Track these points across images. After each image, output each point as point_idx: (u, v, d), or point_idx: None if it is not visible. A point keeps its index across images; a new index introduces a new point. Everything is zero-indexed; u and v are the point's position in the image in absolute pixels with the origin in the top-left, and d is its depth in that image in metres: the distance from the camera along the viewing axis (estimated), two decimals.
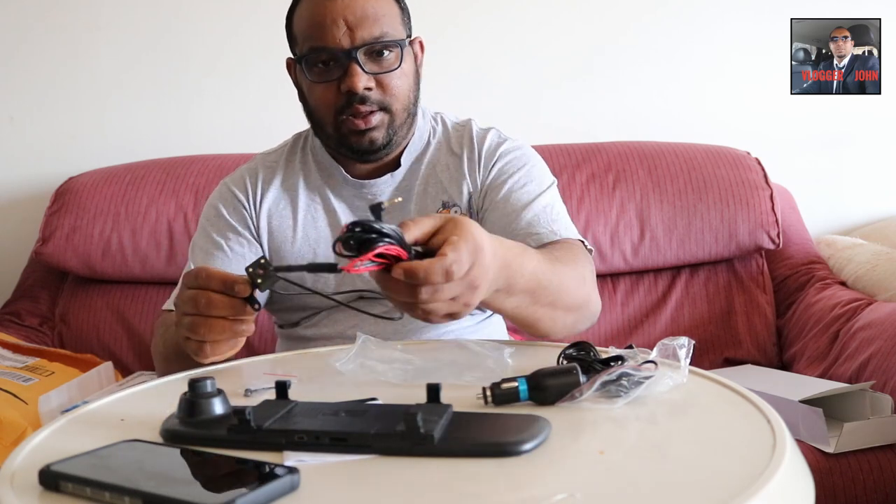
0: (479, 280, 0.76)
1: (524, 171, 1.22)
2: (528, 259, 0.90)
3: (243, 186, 1.26)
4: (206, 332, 0.84)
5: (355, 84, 1.11)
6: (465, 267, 0.74)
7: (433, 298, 0.74)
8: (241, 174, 1.28)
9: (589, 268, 1.08)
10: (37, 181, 2.08)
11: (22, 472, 0.63)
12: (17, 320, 1.83)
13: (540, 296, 0.93)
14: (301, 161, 1.27)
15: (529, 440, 0.62)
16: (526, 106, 2.07)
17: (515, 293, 0.89)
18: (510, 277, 0.86)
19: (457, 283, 0.74)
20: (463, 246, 0.74)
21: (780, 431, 0.63)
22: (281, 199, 1.25)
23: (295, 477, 0.58)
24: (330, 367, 0.88)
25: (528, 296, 0.91)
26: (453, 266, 0.72)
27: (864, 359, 1.42)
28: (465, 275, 0.74)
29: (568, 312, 1.00)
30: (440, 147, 1.26)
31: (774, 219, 1.77)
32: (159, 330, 1.18)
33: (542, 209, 1.17)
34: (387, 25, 1.13)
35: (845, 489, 1.25)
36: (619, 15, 2.07)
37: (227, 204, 1.25)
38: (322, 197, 1.24)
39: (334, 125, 1.16)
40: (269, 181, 1.25)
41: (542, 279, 0.92)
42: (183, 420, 0.69)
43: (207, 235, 1.24)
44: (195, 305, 0.84)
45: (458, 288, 0.75)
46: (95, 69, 2.07)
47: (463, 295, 0.76)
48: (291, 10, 1.19)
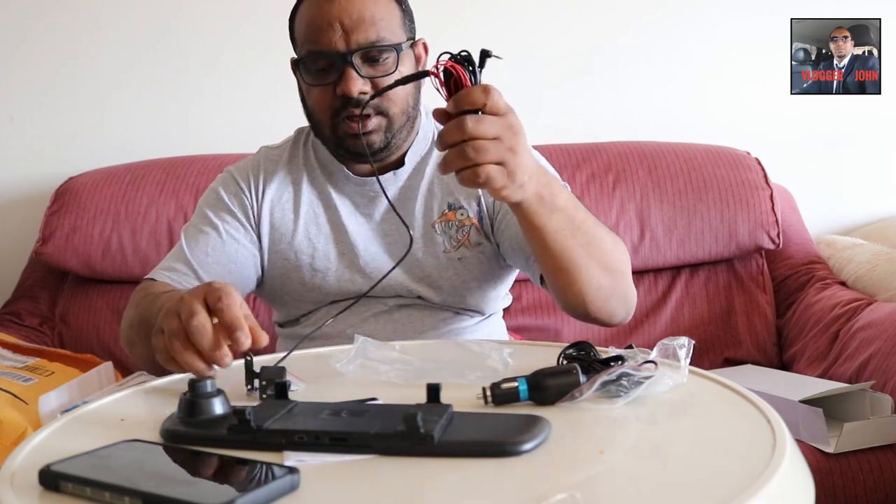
0: (517, 126, 0.82)
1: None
2: (560, 190, 0.93)
3: (246, 176, 1.25)
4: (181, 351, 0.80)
5: (350, 88, 1.10)
6: (501, 102, 0.81)
7: (477, 130, 0.79)
8: (245, 165, 1.28)
9: (622, 248, 1.06)
10: (37, 181, 2.08)
11: (22, 472, 0.63)
12: (17, 320, 1.83)
13: (577, 230, 0.94)
14: (304, 157, 1.26)
15: (529, 440, 0.62)
16: (526, 106, 2.04)
17: (558, 209, 0.91)
18: (551, 185, 0.90)
19: (498, 120, 0.80)
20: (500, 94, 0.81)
21: (780, 431, 0.63)
22: (284, 193, 1.24)
23: (295, 477, 0.58)
24: (330, 367, 0.88)
25: (567, 221, 0.93)
26: (491, 91, 0.80)
27: (864, 359, 1.42)
28: (505, 113, 0.81)
29: (603, 271, 0.99)
30: None
31: (774, 219, 1.77)
32: (137, 295, 1.14)
33: None
34: (384, 29, 1.12)
35: (845, 489, 1.25)
36: (619, 15, 2.07)
37: (229, 190, 1.25)
38: (324, 194, 1.24)
39: (331, 128, 1.16)
40: (273, 174, 1.25)
41: (577, 214, 0.94)
42: (183, 420, 0.70)
43: (204, 216, 1.23)
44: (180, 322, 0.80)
45: (498, 126, 0.80)
46: (95, 69, 2.07)
47: (506, 137, 0.80)
48: (294, 10, 1.19)
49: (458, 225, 1.21)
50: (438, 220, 1.21)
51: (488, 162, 0.80)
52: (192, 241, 1.21)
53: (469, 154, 0.80)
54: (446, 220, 1.21)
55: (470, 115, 0.79)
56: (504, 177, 0.82)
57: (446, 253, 1.20)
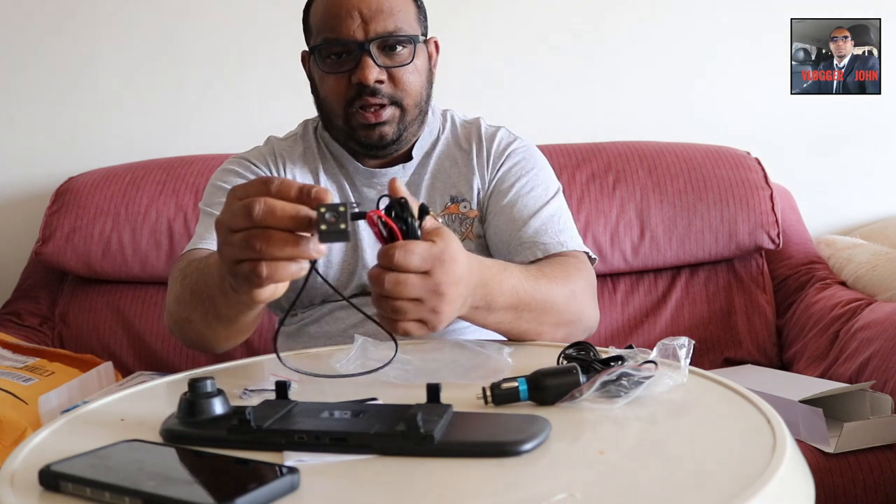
0: (444, 287, 0.77)
1: (532, 174, 1.22)
2: (508, 276, 0.92)
3: (265, 161, 1.24)
4: (265, 245, 0.69)
5: (367, 76, 1.11)
6: (415, 261, 0.75)
7: (395, 291, 0.76)
8: (258, 151, 1.26)
9: (583, 283, 1.07)
10: (37, 181, 2.08)
11: (22, 472, 0.63)
12: (17, 320, 1.83)
13: (523, 312, 0.94)
14: (317, 147, 1.26)
15: (529, 440, 0.62)
16: (526, 106, 2.07)
17: (496, 310, 0.91)
18: (488, 295, 0.88)
19: (420, 282, 0.76)
20: (424, 246, 0.76)
21: (780, 431, 0.63)
22: (306, 181, 1.23)
23: (295, 477, 0.58)
24: (330, 367, 0.88)
25: (510, 312, 0.93)
26: (410, 251, 0.74)
27: (864, 359, 1.42)
28: (430, 271, 0.76)
29: (556, 328, 1.00)
30: (448, 143, 1.26)
31: (774, 219, 1.77)
32: (178, 269, 1.05)
33: (549, 217, 1.17)
34: (401, 21, 1.14)
35: (845, 489, 1.25)
36: (619, 15, 2.07)
37: (248, 170, 1.22)
38: (339, 185, 1.24)
39: (344, 117, 1.16)
40: (293, 161, 1.24)
41: (523, 297, 0.93)
42: (183, 420, 0.69)
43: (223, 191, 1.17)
44: (247, 216, 0.69)
45: (420, 288, 0.76)
46: (95, 69, 2.07)
47: (428, 299, 0.77)
48: (309, 2, 1.20)
49: (461, 218, 1.21)
50: (442, 213, 1.21)
51: (408, 321, 0.79)
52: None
53: (386, 312, 0.78)
54: (449, 214, 1.21)
55: (390, 274, 0.76)
56: (425, 331, 0.80)
57: None
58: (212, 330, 0.95)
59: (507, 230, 1.17)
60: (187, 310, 0.97)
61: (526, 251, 1.14)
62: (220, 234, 0.74)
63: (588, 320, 1.07)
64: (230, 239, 0.71)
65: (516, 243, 1.16)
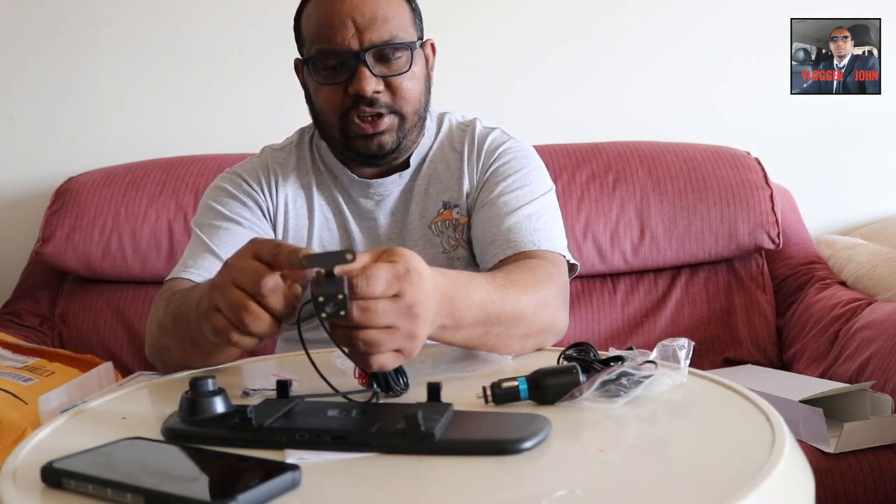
0: (417, 307, 0.71)
1: (521, 174, 1.18)
2: (474, 289, 0.85)
3: (256, 177, 1.21)
4: (252, 322, 0.73)
5: (363, 87, 1.08)
6: (381, 283, 0.69)
7: (365, 319, 0.69)
8: (251, 165, 1.23)
9: (554, 289, 1.01)
10: (37, 181, 2.08)
11: (24, 469, 0.63)
12: (17, 320, 1.83)
13: (491, 326, 0.87)
14: (311, 160, 1.24)
15: (529, 438, 0.63)
16: (526, 106, 2.07)
17: (464, 326, 0.83)
18: (455, 311, 0.81)
19: (391, 307, 0.69)
20: (387, 266, 0.70)
21: (779, 430, 0.63)
22: (298, 198, 1.21)
23: (296, 474, 0.58)
24: (331, 366, 0.88)
25: (478, 327, 0.85)
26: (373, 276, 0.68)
27: (864, 359, 1.42)
28: (396, 298, 0.70)
29: (526, 338, 0.94)
30: (443, 146, 1.23)
31: (774, 219, 1.77)
32: (163, 296, 1.06)
33: (527, 216, 1.12)
34: (396, 27, 1.10)
35: (845, 489, 1.25)
36: (619, 15, 2.07)
37: (240, 188, 1.20)
38: (332, 199, 1.22)
39: (340, 128, 1.13)
40: (286, 177, 1.21)
41: (491, 310, 0.86)
42: (184, 418, 0.70)
43: (218, 213, 1.17)
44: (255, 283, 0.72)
45: (391, 313, 0.70)
46: (96, 69, 2.07)
47: (402, 324, 0.70)
48: (300, 9, 1.16)
49: (454, 224, 1.19)
50: (435, 220, 1.20)
51: (384, 352, 0.71)
52: (214, 237, 1.15)
53: (358, 347, 0.70)
54: (443, 220, 1.19)
55: (357, 302, 0.69)
56: (401, 360, 0.73)
57: (445, 253, 1.19)
58: (190, 359, 0.94)
59: (483, 227, 1.14)
60: (166, 336, 0.98)
61: (496, 248, 1.10)
62: (208, 299, 0.78)
63: (558, 326, 1.01)
64: (213, 306, 0.76)
65: (489, 240, 1.12)
